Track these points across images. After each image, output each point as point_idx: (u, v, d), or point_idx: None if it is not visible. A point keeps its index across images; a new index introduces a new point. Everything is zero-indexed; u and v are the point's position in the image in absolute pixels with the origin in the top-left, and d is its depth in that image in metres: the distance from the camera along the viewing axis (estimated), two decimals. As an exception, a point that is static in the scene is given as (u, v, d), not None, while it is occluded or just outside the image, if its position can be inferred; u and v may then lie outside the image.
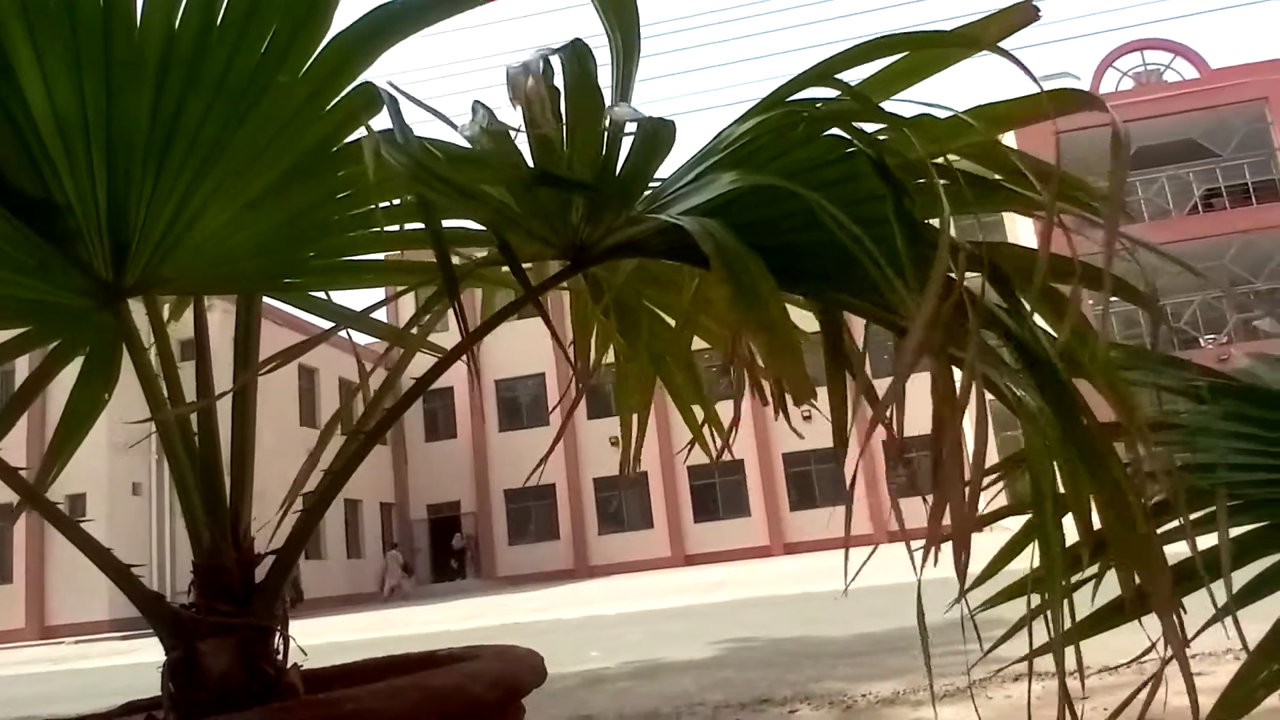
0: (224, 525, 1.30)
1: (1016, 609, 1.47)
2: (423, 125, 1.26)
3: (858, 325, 1.43)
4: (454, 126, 1.24)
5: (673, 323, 1.72)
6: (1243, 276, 27.77)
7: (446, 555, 33.55)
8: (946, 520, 0.95)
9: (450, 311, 1.31)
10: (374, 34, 1.16)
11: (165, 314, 1.48)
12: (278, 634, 1.30)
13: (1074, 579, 1.35)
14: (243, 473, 1.33)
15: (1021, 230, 24.15)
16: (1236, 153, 28.43)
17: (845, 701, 3.82)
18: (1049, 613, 1.07)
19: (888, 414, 1.26)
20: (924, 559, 0.93)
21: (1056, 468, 1.08)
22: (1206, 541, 1.36)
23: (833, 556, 22.50)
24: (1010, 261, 1.18)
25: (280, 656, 1.31)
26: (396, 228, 1.35)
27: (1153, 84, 29.19)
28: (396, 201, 1.33)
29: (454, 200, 1.12)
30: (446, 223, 1.32)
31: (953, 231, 1.03)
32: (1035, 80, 0.99)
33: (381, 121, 1.12)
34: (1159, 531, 1.44)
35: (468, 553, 33.48)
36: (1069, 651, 1.06)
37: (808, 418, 1.84)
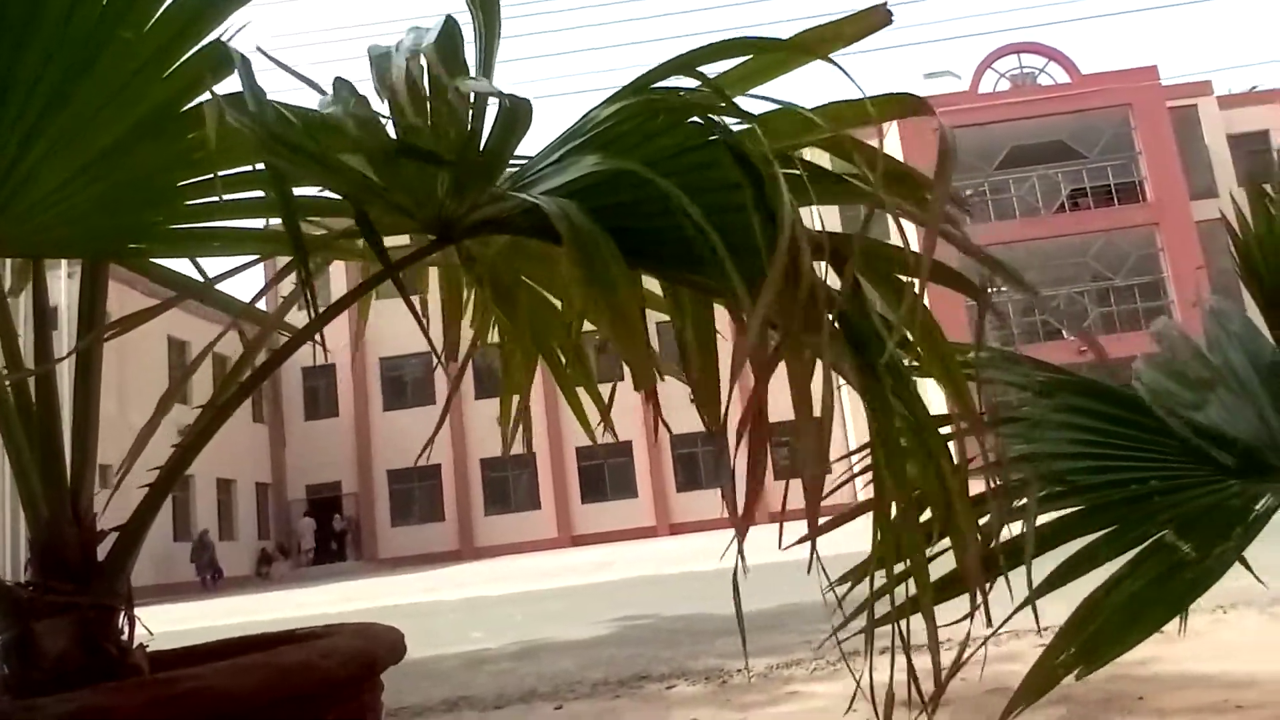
0: (64, 500, 1.24)
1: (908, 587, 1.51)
2: (295, 93, 1.23)
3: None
4: (319, 90, 1.21)
5: (555, 301, 1.71)
6: (1103, 273, 29.49)
7: (326, 537, 32.67)
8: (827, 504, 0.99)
9: (312, 286, 1.28)
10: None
11: (5, 279, 1.40)
12: (122, 614, 1.26)
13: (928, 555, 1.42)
14: (85, 446, 1.28)
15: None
16: (1102, 155, 30.10)
17: (721, 677, 3.91)
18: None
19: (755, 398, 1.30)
20: (812, 547, 0.96)
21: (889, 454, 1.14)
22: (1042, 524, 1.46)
23: (717, 537, 22.92)
24: (859, 254, 1.23)
25: (125, 637, 1.27)
26: (258, 194, 1.31)
27: (1028, 86, 30.60)
28: (260, 166, 1.28)
29: (307, 169, 1.10)
30: (313, 191, 1.29)
31: (812, 223, 1.07)
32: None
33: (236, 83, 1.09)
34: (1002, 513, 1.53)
35: (348, 534, 32.70)
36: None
37: (694, 401, 1.87)
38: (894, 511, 1.21)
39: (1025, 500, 1.42)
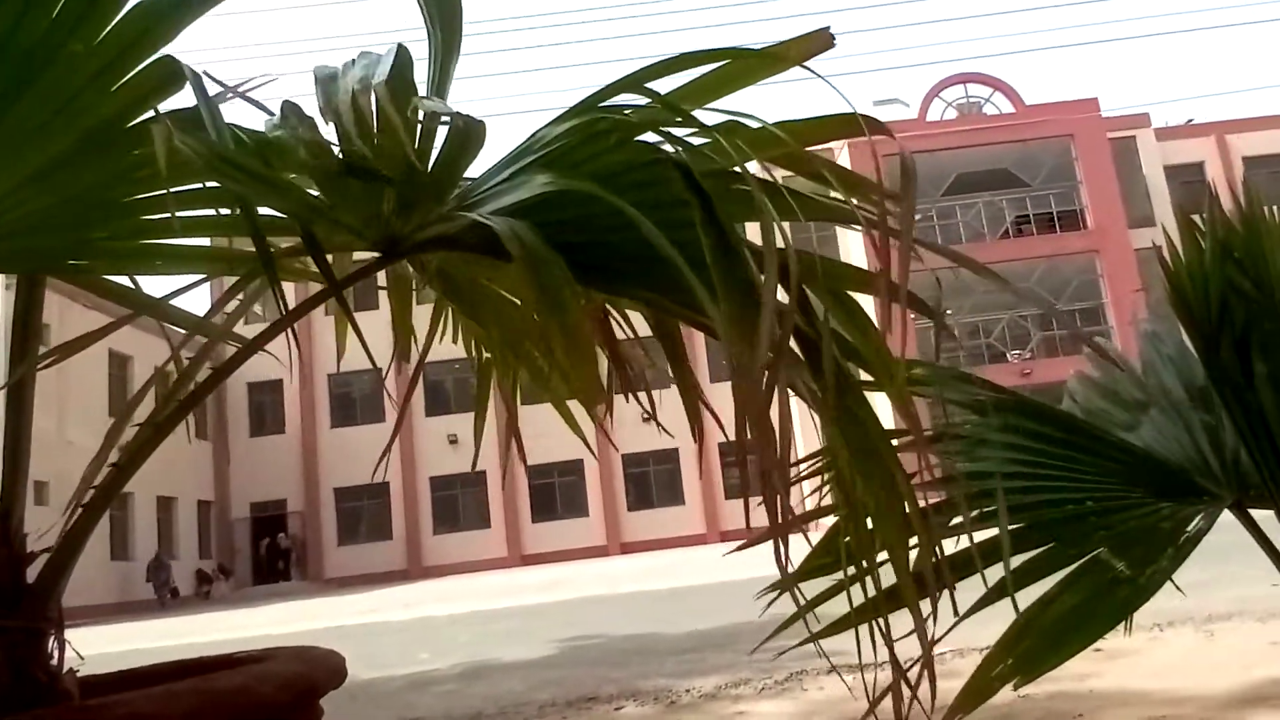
0: (-7, 521, 1.20)
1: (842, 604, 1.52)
2: (234, 106, 1.21)
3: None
4: (264, 109, 1.20)
5: (519, 303, 1.67)
6: (1046, 298, 30.19)
7: (271, 556, 31.98)
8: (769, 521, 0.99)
9: (267, 303, 1.27)
10: (177, 5, 1.11)
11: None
12: (52, 638, 1.22)
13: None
14: (17, 465, 1.24)
15: (853, 248, 25.38)
16: (1045, 184, 30.89)
17: (670, 697, 3.90)
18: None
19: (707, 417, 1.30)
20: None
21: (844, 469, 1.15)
22: (985, 538, 1.49)
23: (668, 555, 22.92)
24: (815, 272, 1.25)
25: (55, 661, 1.23)
26: (209, 212, 1.29)
27: (974, 116, 31.32)
28: (214, 184, 1.26)
29: (255, 189, 1.08)
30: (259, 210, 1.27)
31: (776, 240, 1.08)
32: (848, 101, 1.06)
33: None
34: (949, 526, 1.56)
35: (293, 554, 32.05)
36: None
37: (647, 419, 1.87)
38: (846, 525, 1.22)
39: (961, 518, 1.45)
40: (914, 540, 1.18)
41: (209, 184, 1.25)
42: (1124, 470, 1.62)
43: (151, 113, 1.14)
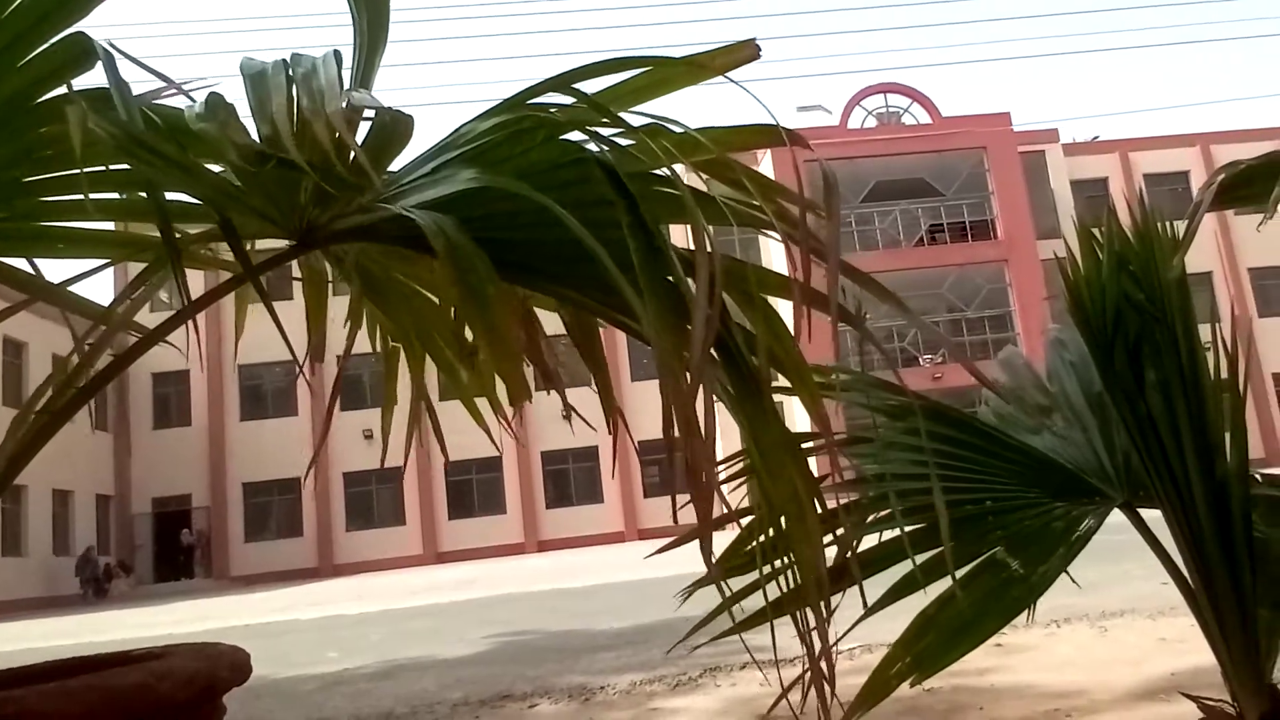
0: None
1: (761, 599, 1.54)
2: (143, 84, 1.17)
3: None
4: (180, 90, 1.16)
5: (435, 299, 1.66)
6: (957, 304, 31.14)
7: (173, 552, 30.90)
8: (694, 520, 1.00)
9: (184, 287, 1.23)
10: (88, -19, 1.07)
11: None
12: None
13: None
14: (-102, 456, 1.17)
15: (777, 253, 25.75)
16: (958, 194, 31.85)
17: (585, 694, 3.91)
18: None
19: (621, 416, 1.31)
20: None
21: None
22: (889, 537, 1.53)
23: (586, 553, 22.90)
24: (736, 277, 1.27)
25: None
26: (111, 196, 1.24)
27: (893, 125, 32.11)
28: (122, 166, 1.22)
29: (169, 174, 1.05)
30: (171, 195, 1.23)
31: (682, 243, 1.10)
32: (767, 109, 1.08)
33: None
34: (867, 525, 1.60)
35: (197, 550, 31.01)
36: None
37: (566, 416, 1.86)
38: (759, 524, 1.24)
39: (871, 517, 1.49)
40: (830, 538, 1.21)
41: (117, 166, 1.21)
42: (1022, 472, 1.69)
43: (61, 90, 1.09)
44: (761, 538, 1.33)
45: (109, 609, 20.21)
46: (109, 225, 1.41)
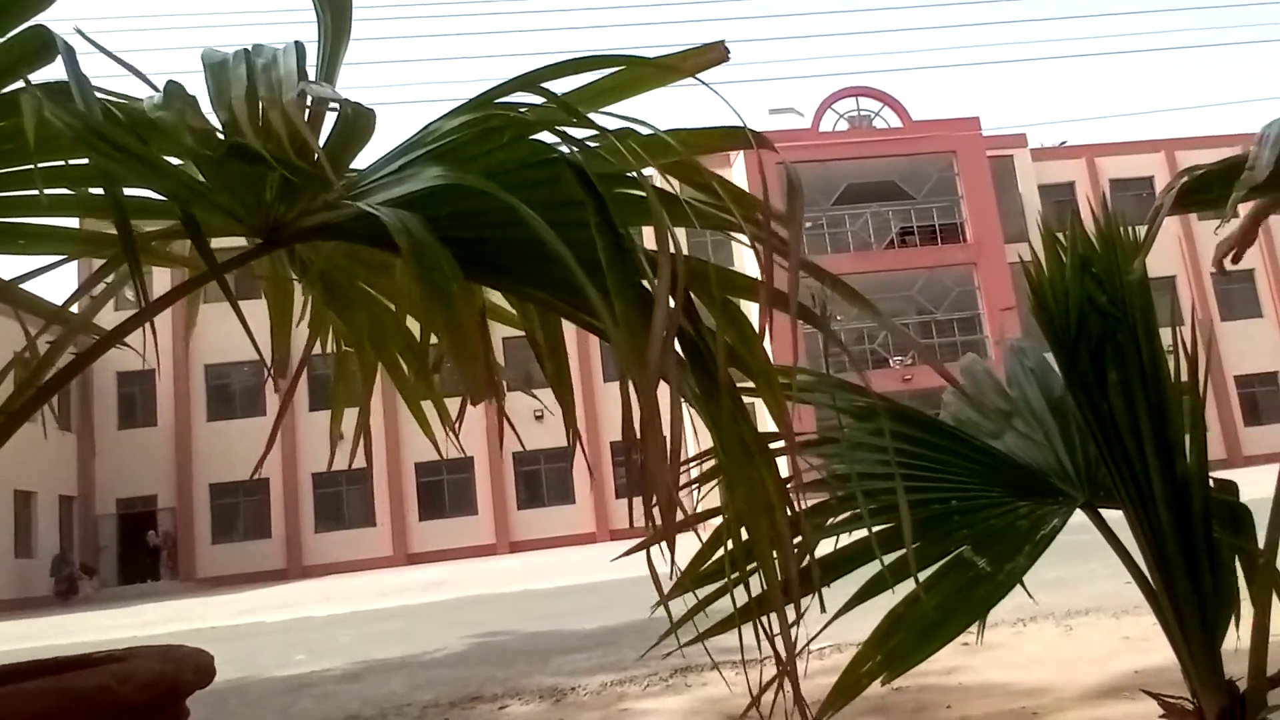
0: None
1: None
2: (113, 79, 1.15)
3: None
4: (146, 81, 1.14)
5: (392, 306, 1.66)
6: (927, 307, 31.43)
7: (139, 554, 30.45)
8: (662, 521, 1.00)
9: (143, 284, 1.21)
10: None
11: None
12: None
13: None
14: None
15: (746, 255, 25.83)
16: (928, 197, 32.15)
17: (556, 695, 3.90)
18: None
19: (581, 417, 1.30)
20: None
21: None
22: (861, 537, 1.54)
23: (558, 554, 22.85)
24: (702, 278, 1.27)
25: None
26: (68, 191, 1.22)
27: (864, 128, 32.34)
28: (85, 161, 1.19)
29: (130, 168, 1.03)
30: (133, 191, 1.21)
31: (651, 243, 1.09)
32: (736, 112, 1.08)
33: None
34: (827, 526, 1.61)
35: (163, 552, 30.59)
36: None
37: (539, 417, 1.85)
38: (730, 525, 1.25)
39: (839, 518, 1.50)
40: (798, 539, 1.21)
41: (77, 161, 1.19)
42: (986, 472, 1.71)
43: (19, 84, 1.07)
44: (729, 542, 1.34)
45: (73, 612, 19.89)
46: (74, 222, 1.38)
